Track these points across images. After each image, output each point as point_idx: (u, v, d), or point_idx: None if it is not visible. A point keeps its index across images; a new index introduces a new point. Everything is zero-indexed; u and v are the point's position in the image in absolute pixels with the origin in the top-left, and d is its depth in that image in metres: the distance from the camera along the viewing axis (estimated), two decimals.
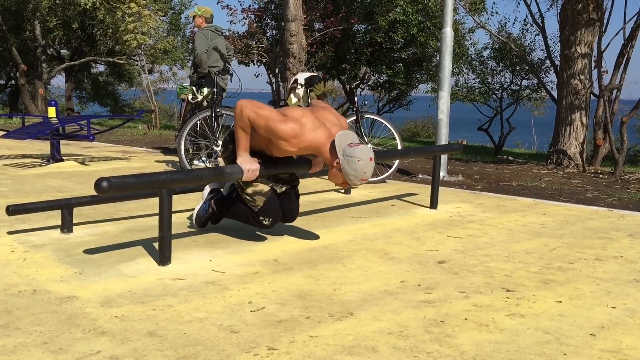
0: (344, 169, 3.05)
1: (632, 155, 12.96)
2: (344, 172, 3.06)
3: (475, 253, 3.32)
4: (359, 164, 3.02)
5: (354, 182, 3.09)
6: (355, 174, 3.04)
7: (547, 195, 5.54)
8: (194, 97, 6.43)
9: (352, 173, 3.04)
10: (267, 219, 3.34)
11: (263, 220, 3.34)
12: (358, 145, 3.05)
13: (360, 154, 3.02)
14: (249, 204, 3.35)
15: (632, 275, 2.96)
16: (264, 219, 3.34)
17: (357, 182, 3.09)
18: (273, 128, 3.02)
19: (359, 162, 3.01)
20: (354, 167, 3.02)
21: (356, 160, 3.01)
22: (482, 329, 2.22)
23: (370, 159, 3.04)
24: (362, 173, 3.05)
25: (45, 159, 6.97)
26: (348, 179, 3.08)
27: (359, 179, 3.07)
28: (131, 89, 25.40)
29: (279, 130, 3.01)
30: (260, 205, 3.32)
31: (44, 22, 18.20)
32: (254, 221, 3.37)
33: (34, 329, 2.13)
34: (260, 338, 2.09)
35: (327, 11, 13.21)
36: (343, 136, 3.08)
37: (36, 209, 3.44)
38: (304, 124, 3.08)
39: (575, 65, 7.68)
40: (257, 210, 3.33)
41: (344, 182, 3.17)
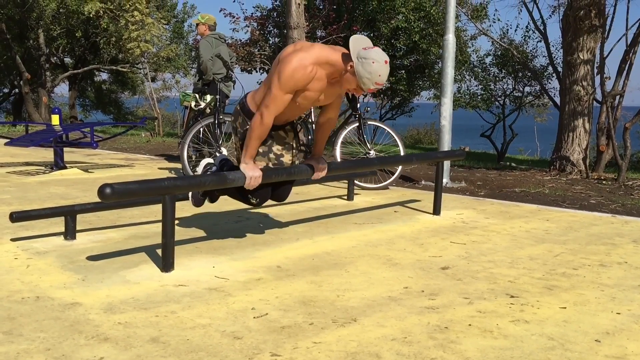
0: (358, 72, 2.94)
1: (636, 161, 12.93)
2: (358, 75, 2.95)
3: (478, 259, 3.31)
4: (373, 66, 2.92)
5: (368, 85, 2.97)
6: (370, 76, 2.94)
7: (551, 202, 5.53)
8: (197, 105, 6.45)
9: (366, 76, 2.94)
10: (255, 198, 3.36)
11: (251, 199, 3.36)
12: (373, 47, 2.97)
13: (375, 55, 2.92)
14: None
15: (636, 281, 2.95)
16: (252, 198, 3.35)
17: (371, 85, 2.97)
18: (283, 83, 2.94)
19: (374, 64, 2.92)
20: (369, 69, 2.92)
21: (371, 62, 2.91)
22: (486, 335, 2.21)
23: (385, 62, 2.94)
24: (376, 76, 2.94)
25: (49, 167, 6.98)
26: (362, 82, 2.96)
27: (374, 82, 2.95)
28: (134, 96, 25.47)
29: (287, 76, 2.93)
30: None
31: (48, 31, 18.30)
32: (242, 198, 3.38)
33: (37, 335, 2.13)
34: (264, 344, 2.09)
35: (329, 19, 13.26)
36: (357, 39, 2.99)
37: (40, 216, 3.44)
38: (300, 47, 3.03)
39: (577, 72, 7.68)
40: (248, 189, 3.31)
41: (357, 87, 3.03)
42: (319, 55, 3.00)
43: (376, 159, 4.34)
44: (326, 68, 3.04)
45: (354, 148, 5.93)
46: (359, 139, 5.76)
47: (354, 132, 5.77)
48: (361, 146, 5.74)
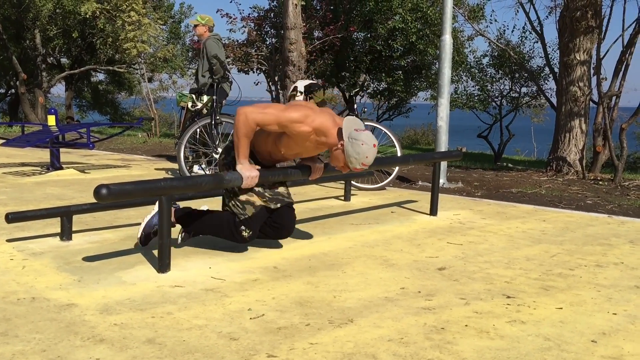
0: (347, 151, 3.06)
1: (632, 162, 12.95)
2: (347, 153, 3.06)
3: (475, 260, 3.31)
4: (362, 147, 3.02)
5: (355, 165, 3.09)
6: (357, 156, 3.05)
7: (547, 202, 5.54)
8: (194, 105, 6.44)
9: (354, 155, 3.05)
10: (248, 231, 3.24)
11: (243, 231, 3.23)
12: (364, 130, 3.07)
13: (365, 138, 3.04)
14: (236, 209, 3.24)
15: (632, 282, 2.95)
16: (245, 230, 3.23)
17: (357, 165, 3.09)
18: (286, 117, 3.02)
19: (362, 146, 3.02)
20: (357, 149, 3.03)
21: (360, 144, 3.02)
22: (483, 335, 2.21)
23: (373, 145, 3.06)
24: (363, 157, 3.05)
25: (45, 167, 6.97)
26: (349, 161, 3.08)
27: (360, 162, 3.07)
28: (131, 97, 25.44)
29: (292, 116, 3.02)
30: (248, 215, 3.23)
31: (44, 31, 18.26)
32: (233, 231, 3.25)
33: (32, 336, 2.12)
34: (260, 345, 2.08)
35: (326, 19, 13.25)
36: (351, 120, 3.10)
37: (35, 217, 3.43)
38: (312, 107, 3.13)
39: (574, 73, 7.70)
40: (243, 219, 3.23)
41: (344, 164, 3.16)
42: (321, 123, 3.09)
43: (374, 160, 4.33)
44: (321, 137, 3.14)
45: None
46: None
47: None
48: None
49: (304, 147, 3.22)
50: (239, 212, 3.25)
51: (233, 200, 3.29)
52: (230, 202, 3.32)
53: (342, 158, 3.13)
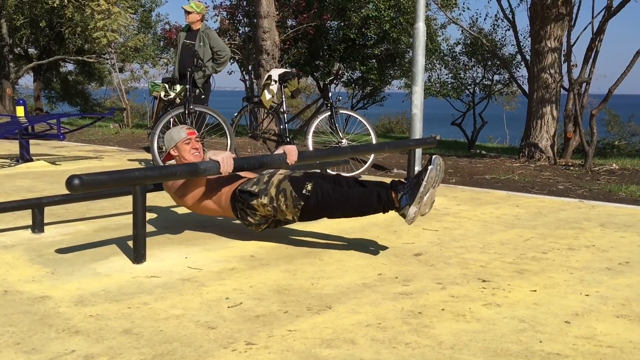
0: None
1: (602, 147, 13.20)
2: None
3: (450, 245, 3.35)
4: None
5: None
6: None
7: (520, 188, 5.62)
8: (167, 95, 6.36)
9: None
10: (309, 184, 2.98)
11: (304, 189, 2.98)
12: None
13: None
14: (276, 202, 3.01)
15: (604, 264, 3.01)
16: (306, 186, 2.98)
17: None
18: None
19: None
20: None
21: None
22: (459, 319, 2.24)
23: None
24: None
25: (14, 159, 6.82)
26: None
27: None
28: (102, 87, 25.02)
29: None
30: (310, 188, 2.96)
31: (11, 21, 17.82)
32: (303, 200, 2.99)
33: (5, 329, 2.08)
34: (238, 333, 2.08)
35: (299, 7, 13.19)
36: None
37: (6, 209, 3.36)
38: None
39: (545, 60, 7.79)
40: (298, 193, 2.97)
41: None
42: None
43: (348, 148, 4.34)
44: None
45: (326, 137, 5.92)
46: (330, 128, 5.76)
47: (326, 121, 5.77)
48: (333, 135, 5.74)
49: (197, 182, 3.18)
50: (278, 201, 3.01)
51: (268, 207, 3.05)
52: (270, 205, 3.04)
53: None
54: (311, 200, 2.93)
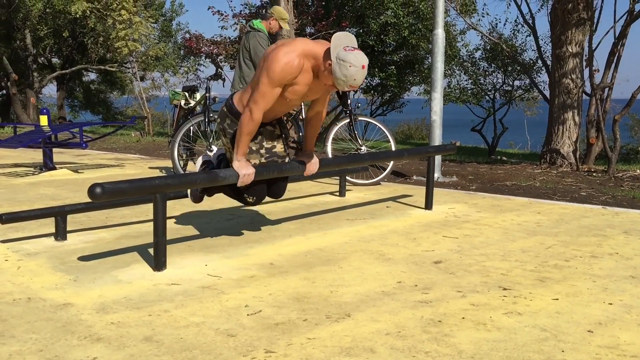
0: (334, 72, 2.95)
1: (625, 153, 13.00)
2: (334, 75, 2.96)
3: (471, 252, 3.32)
4: (349, 70, 2.92)
5: (342, 86, 2.99)
6: (345, 79, 2.95)
7: (542, 194, 5.56)
8: (187, 103, 6.42)
9: (341, 78, 2.95)
10: (251, 197, 3.40)
11: (247, 198, 3.40)
12: (353, 49, 2.96)
13: (354, 59, 2.92)
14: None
15: (627, 272, 2.96)
16: (248, 197, 3.40)
17: (345, 87, 2.99)
18: (274, 67, 2.95)
19: (350, 68, 2.92)
20: (344, 72, 2.93)
21: (348, 66, 2.91)
22: (480, 327, 2.22)
23: (362, 67, 2.95)
24: (351, 79, 2.95)
25: (38, 168, 6.93)
26: (337, 82, 2.99)
27: (348, 84, 2.97)
28: (123, 96, 25.35)
29: (278, 60, 2.95)
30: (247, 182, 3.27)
31: (35, 31, 18.16)
32: (238, 196, 3.43)
33: (29, 337, 2.11)
34: (258, 341, 2.08)
35: (318, 15, 13.23)
36: (340, 37, 2.99)
37: (30, 217, 3.42)
38: (282, 44, 3.06)
39: (566, 65, 7.72)
40: (243, 187, 3.34)
41: (332, 84, 3.07)
42: (303, 48, 3.03)
43: (367, 155, 4.33)
44: (311, 61, 3.06)
45: (345, 144, 5.93)
46: (350, 135, 5.76)
47: (345, 128, 5.77)
48: (352, 142, 5.74)
49: (306, 84, 3.11)
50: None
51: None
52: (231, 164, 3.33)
53: (330, 78, 3.03)
54: None
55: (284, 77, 2.99)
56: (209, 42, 13.61)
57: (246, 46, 5.54)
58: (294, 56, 2.98)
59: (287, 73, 2.98)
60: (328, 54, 3.00)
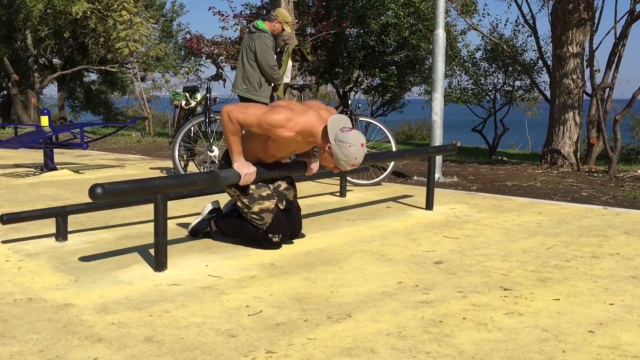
0: (335, 154, 3.03)
1: (626, 153, 13.00)
2: (335, 157, 3.04)
3: (472, 253, 3.32)
4: (350, 150, 2.99)
5: (345, 167, 3.08)
6: (346, 159, 3.02)
7: (542, 195, 5.55)
8: (187, 103, 6.42)
9: (343, 158, 3.02)
10: (276, 235, 3.32)
11: (273, 238, 3.32)
12: (350, 130, 3.02)
13: (352, 139, 2.99)
14: (256, 222, 3.32)
15: (628, 272, 2.96)
16: (274, 236, 3.32)
17: (347, 167, 3.08)
18: (266, 119, 3.00)
19: (350, 148, 2.99)
20: (345, 152, 3.00)
21: (347, 146, 2.99)
22: (481, 328, 2.22)
23: (361, 145, 3.02)
24: (352, 159, 3.03)
25: (39, 168, 6.94)
26: (339, 164, 3.06)
27: (350, 164, 3.05)
28: (124, 97, 25.34)
29: (273, 119, 2.99)
30: (269, 222, 3.31)
31: (36, 32, 18.16)
32: (263, 240, 3.34)
33: (30, 337, 2.11)
34: (259, 342, 2.08)
35: (318, 15, 13.23)
36: (336, 120, 3.06)
37: (30, 218, 3.42)
38: (293, 109, 3.08)
39: (567, 65, 7.71)
40: (267, 227, 3.31)
41: (335, 166, 3.16)
42: (304, 125, 3.07)
43: (368, 155, 4.33)
44: (306, 137, 3.12)
45: None
46: None
47: None
48: None
49: (294, 147, 3.21)
50: (259, 223, 3.32)
51: (249, 215, 3.33)
52: (247, 217, 3.35)
53: (331, 160, 3.12)
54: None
55: (269, 130, 3.05)
56: (210, 43, 13.61)
57: (250, 47, 5.53)
58: (289, 132, 3.04)
59: (276, 135, 3.05)
60: (325, 137, 3.07)
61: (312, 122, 3.08)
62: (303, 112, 3.09)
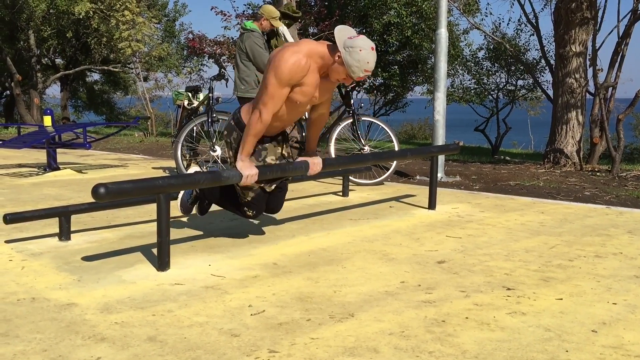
0: (346, 61, 2.96)
1: (629, 152, 12.98)
2: (347, 64, 2.96)
3: (474, 252, 3.32)
4: (361, 54, 2.93)
5: (357, 73, 2.98)
6: (358, 64, 2.95)
7: (545, 194, 5.55)
8: (190, 103, 6.42)
9: (355, 64, 2.95)
10: (251, 211, 3.42)
11: (247, 211, 3.43)
12: (358, 36, 2.98)
13: (362, 43, 2.94)
14: (239, 192, 3.39)
15: (632, 272, 2.96)
16: (248, 210, 3.42)
17: (360, 73, 2.99)
18: (282, 68, 2.94)
19: (361, 52, 2.93)
20: (356, 57, 2.94)
21: (358, 50, 2.93)
22: (484, 327, 2.22)
23: (371, 48, 2.96)
24: (364, 63, 2.95)
25: (42, 168, 6.95)
26: (351, 71, 2.98)
27: (362, 69, 2.97)
28: (127, 96, 25.36)
29: (285, 67, 2.94)
30: (248, 199, 3.38)
31: (38, 32, 18.18)
32: (238, 210, 3.45)
33: (33, 336, 2.11)
34: (261, 341, 2.08)
35: (321, 15, 13.23)
36: (341, 30, 3.01)
37: (34, 217, 3.42)
38: (286, 47, 3.05)
39: (570, 64, 7.70)
40: (244, 202, 3.40)
41: (347, 76, 3.05)
42: (309, 48, 3.04)
43: (371, 155, 4.33)
44: (317, 61, 3.06)
45: (348, 144, 5.93)
46: (353, 135, 5.76)
47: (348, 128, 5.77)
48: (355, 142, 5.74)
49: (314, 85, 3.10)
50: (240, 196, 3.39)
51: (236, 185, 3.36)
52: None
53: (342, 70, 3.02)
54: None
55: (292, 77, 2.99)
56: (212, 43, 13.61)
57: (242, 47, 5.58)
58: (300, 56, 2.98)
59: (295, 73, 2.98)
60: (332, 49, 3.03)
61: (312, 45, 3.05)
62: (298, 42, 3.09)
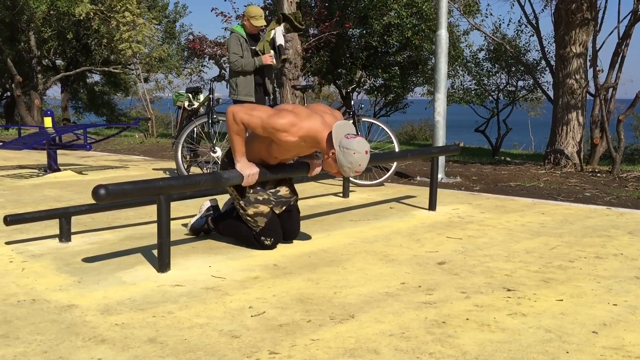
0: (339, 160, 3.04)
1: (630, 153, 12.97)
2: (339, 163, 3.05)
3: (475, 253, 3.32)
4: (354, 157, 3.01)
5: (348, 173, 3.10)
6: (350, 166, 3.04)
7: (546, 195, 5.54)
8: (190, 104, 6.43)
9: (347, 165, 3.04)
10: (268, 239, 3.35)
11: (265, 241, 3.35)
12: (355, 137, 3.04)
13: (357, 146, 3.01)
14: (250, 224, 3.35)
15: (632, 273, 2.96)
16: (266, 239, 3.34)
17: (350, 173, 3.09)
18: (271, 123, 3.00)
19: (355, 155, 3.01)
20: (349, 159, 3.02)
21: (352, 153, 3.01)
22: (484, 328, 2.21)
23: (365, 152, 3.04)
24: (356, 165, 3.05)
25: (42, 169, 6.95)
26: (342, 170, 3.08)
27: (353, 170, 3.07)
28: (127, 98, 25.39)
29: (277, 123, 3.00)
30: (262, 226, 3.33)
31: (39, 33, 18.21)
32: (256, 242, 3.37)
33: (33, 338, 2.11)
34: (262, 342, 2.08)
35: (321, 16, 13.23)
36: (341, 126, 3.07)
37: (34, 219, 3.43)
38: (298, 113, 3.07)
39: (570, 65, 7.70)
40: (259, 230, 3.34)
41: (338, 172, 3.18)
42: (308, 131, 3.07)
43: (371, 156, 4.33)
44: (310, 143, 3.13)
45: None
46: None
47: None
48: None
49: (297, 150, 3.22)
50: (253, 226, 3.35)
51: (244, 217, 3.35)
52: (243, 218, 3.38)
53: (334, 166, 3.13)
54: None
55: (274, 136, 3.05)
56: (213, 44, 13.63)
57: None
58: (296, 135, 3.03)
59: (279, 137, 3.04)
60: (330, 143, 3.07)
61: (316, 128, 3.07)
62: (307, 117, 3.08)
